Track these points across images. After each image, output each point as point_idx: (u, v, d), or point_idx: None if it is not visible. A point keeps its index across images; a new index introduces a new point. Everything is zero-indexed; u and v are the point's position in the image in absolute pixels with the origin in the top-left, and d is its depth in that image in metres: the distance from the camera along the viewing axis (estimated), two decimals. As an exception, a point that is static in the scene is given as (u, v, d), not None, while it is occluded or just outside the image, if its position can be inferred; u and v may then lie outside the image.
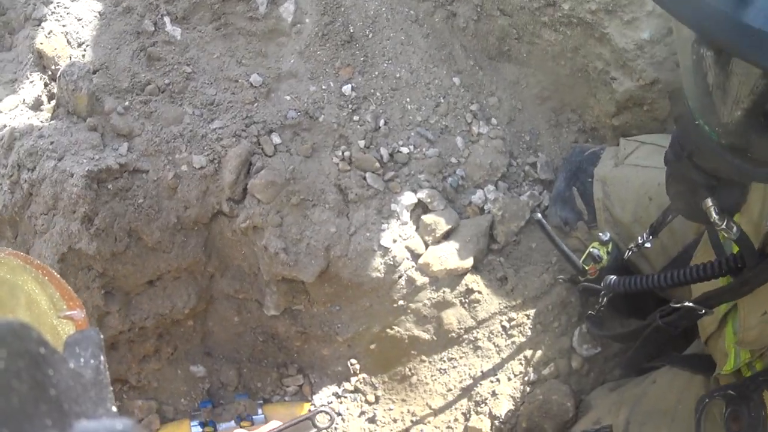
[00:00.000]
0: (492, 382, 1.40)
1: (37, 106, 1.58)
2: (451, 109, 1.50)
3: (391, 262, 1.36)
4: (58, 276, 0.76)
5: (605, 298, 1.38)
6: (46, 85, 1.64)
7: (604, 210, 1.45)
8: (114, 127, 1.38)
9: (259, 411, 1.53)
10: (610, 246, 1.36)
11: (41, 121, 1.48)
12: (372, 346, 1.46)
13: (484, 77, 1.57)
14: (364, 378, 1.48)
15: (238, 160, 1.33)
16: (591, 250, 1.34)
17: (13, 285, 0.76)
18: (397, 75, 1.46)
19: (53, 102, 1.51)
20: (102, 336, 0.40)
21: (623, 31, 1.43)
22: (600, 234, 1.35)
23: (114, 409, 0.35)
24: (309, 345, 1.53)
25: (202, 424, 1.52)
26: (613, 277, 1.26)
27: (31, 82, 1.65)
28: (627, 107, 1.54)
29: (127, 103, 1.40)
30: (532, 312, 1.42)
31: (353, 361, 1.49)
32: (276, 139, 1.37)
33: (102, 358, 0.38)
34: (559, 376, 1.42)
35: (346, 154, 1.39)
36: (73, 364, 0.33)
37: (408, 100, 1.46)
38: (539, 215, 1.28)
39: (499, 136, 1.52)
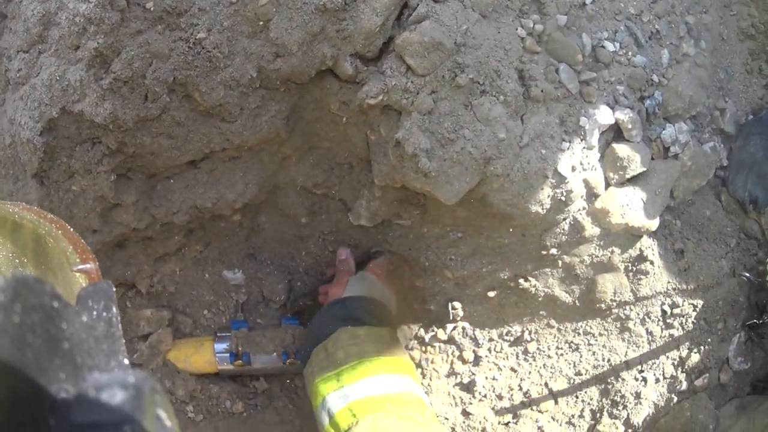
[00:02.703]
0: (637, 380, 1.08)
1: None
2: (668, 12, 1.08)
3: (562, 197, 0.97)
4: (72, 229, 0.72)
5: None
6: None
7: (808, 206, 1.13)
8: None
9: None
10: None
11: None
12: (490, 294, 1.09)
13: (703, -16, 1.16)
14: (464, 328, 1.12)
15: (395, -6, 0.87)
16: None
17: (27, 239, 0.72)
18: (621, -63, 1.02)
19: None
20: (114, 288, 0.38)
21: None
22: None
23: (126, 361, 0.34)
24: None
25: (233, 355, 1.12)
26: None
27: None
28: None
29: None
30: (699, 303, 1.09)
31: (456, 304, 1.11)
32: (450, -23, 0.91)
33: (114, 310, 0.37)
34: (706, 390, 1.12)
35: (538, 28, 0.95)
36: (85, 317, 0.33)
37: (625, -22, 1.03)
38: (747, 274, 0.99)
39: (704, 64, 1.13)
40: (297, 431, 1.15)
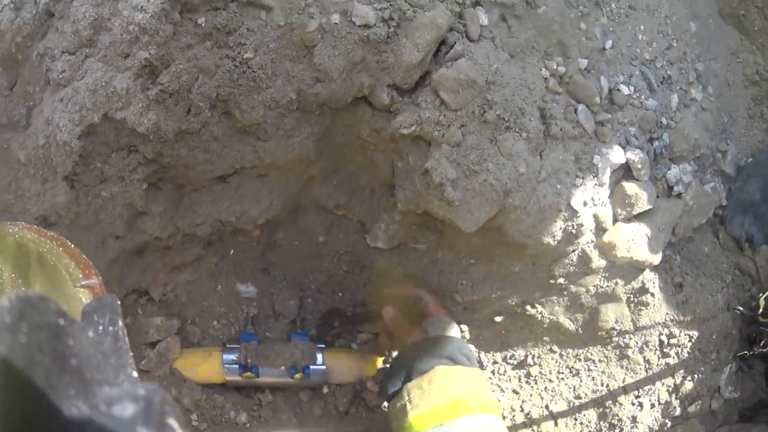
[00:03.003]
0: (633, 405, 1.13)
1: None
2: (680, 59, 1.14)
3: (573, 231, 1.02)
4: (73, 246, 0.73)
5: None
6: None
7: (800, 248, 1.20)
8: None
9: (319, 358, 1.17)
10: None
11: None
12: (498, 318, 1.13)
13: (713, 36, 1.23)
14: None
15: (434, 33, 0.91)
16: None
17: (30, 258, 0.74)
18: (639, -12, 1.07)
19: None
20: (119, 302, 0.39)
21: None
22: None
23: (135, 374, 0.34)
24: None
25: (242, 367, 1.14)
26: None
27: None
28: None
29: None
30: (695, 334, 1.15)
31: (463, 327, 1.15)
32: (483, 17, 0.95)
33: (120, 323, 0.37)
34: (698, 416, 1.18)
35: (560, 70, 1.00)
36: (92, 332, 0.34)
37: (642, 28, 1.08)
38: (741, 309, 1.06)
39: (710, 109, 1.20)
40: (301, 444, 1.17)
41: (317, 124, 1.00)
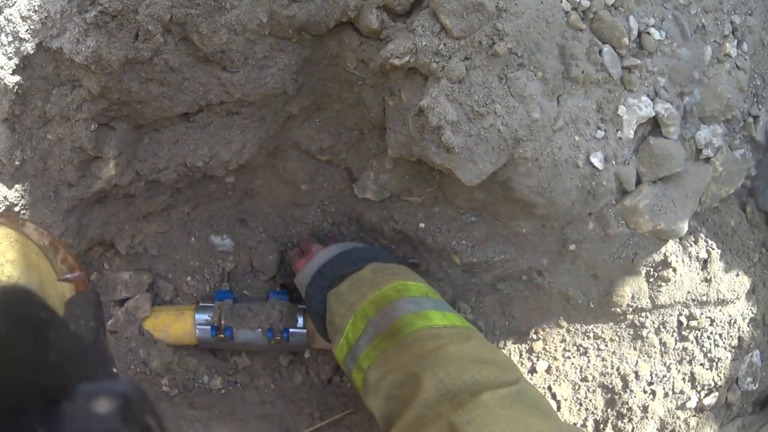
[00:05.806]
0: (645, 392, 1.01)
1: None
2: (716, 8, 1.01)
3: (590, 190, 0.90)
4: (59, 238, 0.72)
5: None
6: None
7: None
8: None
9: (300, 320, 1.06)
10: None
11: None
12: (500, 285, 1.01)
13: (749, -16, 1.10)
14: (467, 319, 1.05)
15: (438, -57, 0.78)
16: None
17: (16, 249, 0.71)
18: None
19: None
20: (100, 295, 0.45)
21: None
22: None
23: (115, 370, 0.35)
24: (400, 248, 1.06)
25: (215, 328, 1.04)
26: None
27: None
28: None
29: None
30: (717, 317, 1.03)
31: (465, 307, 1.04)
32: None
33: (102, 320, 0.38)
34: (713, 409, 1.06)
35: (584, 3, 0.88)
36: (73, 327, 0.35)
37: (677, -36, 0.96)
38: None
39: (744, 67, 1.07)
40: (278, 414, 1.07)
41: (295, 54, 0.87)
